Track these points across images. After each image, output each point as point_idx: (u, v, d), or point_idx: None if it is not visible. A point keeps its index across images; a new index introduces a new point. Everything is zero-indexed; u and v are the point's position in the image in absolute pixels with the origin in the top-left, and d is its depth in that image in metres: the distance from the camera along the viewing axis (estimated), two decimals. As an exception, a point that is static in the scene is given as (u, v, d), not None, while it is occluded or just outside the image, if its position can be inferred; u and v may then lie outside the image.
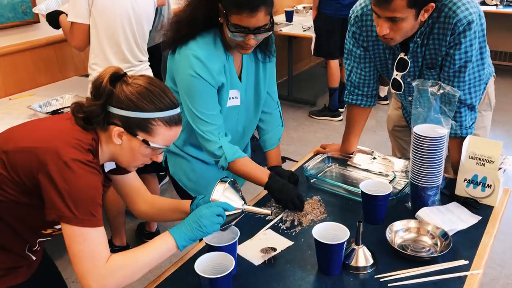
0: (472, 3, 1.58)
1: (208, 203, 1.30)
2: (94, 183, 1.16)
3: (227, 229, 1.36)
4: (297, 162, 2.07)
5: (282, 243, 1.48)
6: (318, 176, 1.86)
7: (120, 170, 1.40)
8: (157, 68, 2.93)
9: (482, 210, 1.62)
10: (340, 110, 4.68)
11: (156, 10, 2.70)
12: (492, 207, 1.64)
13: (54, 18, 2.57)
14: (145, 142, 1.21)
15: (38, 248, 1.39)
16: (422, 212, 1.55)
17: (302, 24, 4.81)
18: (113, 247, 2.77)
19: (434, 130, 1.52)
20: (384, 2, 1.49)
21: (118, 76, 1.22)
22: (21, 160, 1.14)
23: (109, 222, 2.73)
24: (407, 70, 1.70)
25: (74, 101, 1.27)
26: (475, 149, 1.62)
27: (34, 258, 1.38)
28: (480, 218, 1.57)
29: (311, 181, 1.82)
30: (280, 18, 4.99)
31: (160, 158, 1.29)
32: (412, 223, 1.50)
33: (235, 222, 1.36)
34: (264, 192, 1.75)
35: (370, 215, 1.56)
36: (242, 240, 1.48)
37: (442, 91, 1.51)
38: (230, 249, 1.31)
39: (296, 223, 1.58)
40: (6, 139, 1.20)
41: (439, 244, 1.43)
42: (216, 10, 1.54)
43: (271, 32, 1.58)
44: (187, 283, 1.34)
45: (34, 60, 3.03)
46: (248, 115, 1.83)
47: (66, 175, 1.11)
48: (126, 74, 1.24)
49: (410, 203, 1.63)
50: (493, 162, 1.60)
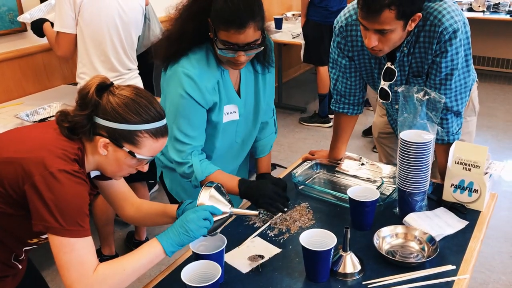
0: (457, 11, 1.59)
1: (194, 208, 1.29)
2: (81, 193, 1.15)
3: (216, 234, 1.36)
4: (286, 168, 2.07)
5: (269, 251, 1.47)
6: (307, 182, 1.86)
7: (107, 176, 1.39)
8: (148, 76, 2.92)
9: (469, 215, 1.63)
10: (330, 116, 4.69)
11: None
12: (479, 212, 1.64)
13: (38, 26, 2.57)
14: (131, 153, 1.21)
15: (24, 257, 1.38)
16: (410, 218, 1.55)
17: (291, 31, 4.83)
18: (101, 257, 2.75)
19: (420, 136, 1.52)
20: (372, 14, 1.48)
21: (104, 86, 1.21)
22: (5, 171, 1.13)
23: (97, 231, 2.71)
24: (394, 80, 1.70)
25: (59, 109, 1.26)
26: (461, 154, 1.63)
27: (20, 267, 1.37)
28: (467, 223, 1.58)
29: (299, 187, 1.82)
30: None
31: (145, 168, 1.29)
32: (399, 229, 1.50)
33: (223, 226, 1.35)
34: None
35: (358, 221, 1.57)
36: (229, 248, 1.48)
37: (427, 97, 1.52)
38: (217, 257, 1.30)
39: (284, 230, 1.58)
40: None
41: (426, 249, 1.44)
42: (206, 25, 1.49)
43: (263, 47, 1.51)
44: (174, 292, 1.33)
45: (22, 69, 3.01)
46: (247, 127, 1.78)
47: (52, 186, 1.10)
48: (112, 84, 1.23)
49: (397, 209, 1.64)
50: (479, 167, 1.61)
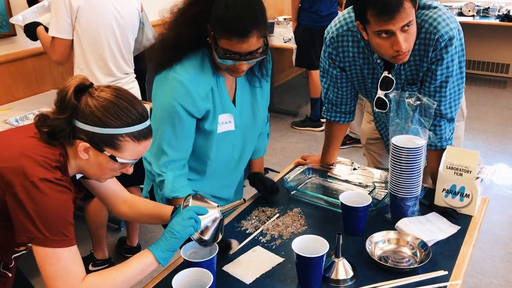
0: (452, 18, 1.58)
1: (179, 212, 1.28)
2: (64, 202, 1.12)
3: (218, 240, 1.34)
4: (279, 173, 2.06)
5: (272, 260, 1.46)
6: (299, 187, 1.86)
7: None
8: (141, 79, 2.91)
9: (461, 219, 1.63)
10: (322, 120, 4.69)
11: None
12: (470, 217, 1.65)
13: (31, 30, 2.55)
14: (112, 158, 1.17)
15: (14, 265, 1.36)
16: (402, 223, 1.55)
17: (283, 36, 4.84)
18: (94, 261, 2.73)
19: (412, 141, 1.52)
20: (396, 10, 1.40)
21: (83, 88, 1.17)
22: None
23: (90, 235, 2.69)
24: (392, 89, 1.67)
25: (37, 113, 1.22)
26: (453, 159, 1.63)
27: (10, 275, 1.35)
28: (459, 227, 1.58)
29: (292, 193, 1.81)
30: (261, 30, 5.01)
31: (130, 171, 1.26)
32: (391, 234, 1.50)
33: (219, 227, 1.33)
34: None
35: (350, 226, 1.56)
36: (231, 258, 1.46)
37: (419, 102, 1.52)
38: (209, 264, 1.29)
39: (276, 236, 1.57)
40: None
41: (418, 254, 1.43)
42: (204, 30, 1.41)
43: (265, 55, 1.44)
44: (166, 300, 1.32)
45: (11, 74, 2.98)
46: (245, 141, 1.69)
47: (34, 196, 1.07)
48: (92, 85, 1.19)
49: (389, 214, 1.63)
50: (470, 172, 1.61)
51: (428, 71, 1.64)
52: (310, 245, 1.33)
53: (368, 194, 1.62)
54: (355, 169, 1.93)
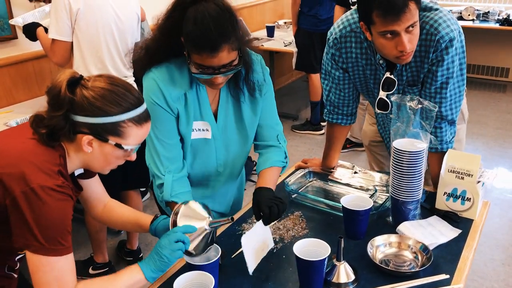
0: (452, 20, 1.59)
1: (166, 232, 1.27)
2: (63, 210, 1.11)
3: (208, 250, 1.34)
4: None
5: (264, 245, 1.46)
6: (300, 191, 1.85)
7: (88, 175, 1.36)
8: (141, 82, 2.90)
9: (462, 223, 1.63)
10: (322, 124, 4.70)
11: None
12: (472, 220, 1.65)
13: (30, 30, 2.55)
14: (118, 146, 1.17)
15: (19, 267, 1.35)
16: (403, 226, 1.55)
17: (283, 39, 4.85)
18: (95, 264, 2.72)
19: (413, 144, 1.52)
20: (401, 12, 1.42)
21: (75, 81, 1.14)
22: None
23: (90, 238, 2.69)
24: (394, 90, 1.68)
25: (31, 114, 1.20)
26: (454, 162, 1.63)
27: (15, 276, 1.34)
28: (460, 231, 1.58)
29: (293, 196, 1.81)
30: (261, 33, 5.03)
31: (133, 157, 1.25)
32: (393, 238, 1.50)
33: (209, 239, 1.33)
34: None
35: (351, 230, 1.56)
36: (226, 262, 1.46)
37: (420, 106, 1.53)
38: (211, 268, 1.29)
39: (277, 240, 1.57)
40: None
41: (420, 258, 1.43)
42: (181, 43, 1.41)
43: (240, 67, 1.43)
44: (167, 303, 1.32)
45: (12, 76, 2.98)
46: (229, 154, 1.66)
47: (33, 204, 1.06)
48: (82, 77, 1.17)
49: (391, 218, 1.63)
50: (472, 176, 1.61)
51: (429, 72, 1.64)
52: (312, 248, 1.33)
53: (369, 197, 1.62)
54: (356, 172, 1.93)
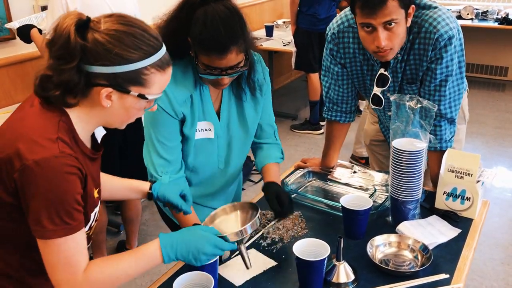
0: (451, 18, 1.60)
1: (215, 243, 1.18)
2: (63, 184, 0.97)
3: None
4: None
5: (265, 263, 1.45)
6: (299, 191, 1.85)
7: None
8: None
9: (462, 222, 1.63)
10: (321, 123, 4.70)
11: None
12: (471, 220, 1.64)
13: (24, 32, 2.53)
14: (141, 96, 1.04)
15: None
16: (403, 226, 1.55)
17: (282, 39, 4.85)
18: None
19: (412, 144, 1.52)
20: (378, 6, 1.43)
21: (83, 24, 0.98)
22: None
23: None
24: (387, 86, 1.69)
25: (34, 80, 1.02)
26: (454, 162, 1.63)
27: None
28: (460, 231, 1.58)
29: (292, 196, 1.81)
30: (260, 33, 5.02)
31: (154, 108, 1.14)
32: (392, 238, 1.49)
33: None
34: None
35: (351, 230, 1.56)
36: (224, 260, 1.46)
37: (420, 105, 1.53)
38: (211, 268, 1.29)
39: (277, 240, 1.56)
40: None
41: (419, 258, 1.43)
42: (187, 43, 1.42)
43: (246, 68, 1.45)
44: (166, 304, 1.32)
45: (10, 77, 2.98)
46: (230, 152, 1.68)
47: (30, 183, 0.95)
48: (90, 19, 1.01)
49: (390, 217, 1.63)
50: (471, 175, 1.61)
51: (428, 70, 1.65)
52: (311, 248, 1.33)
53: (369, 197, 1.62)
54: (355, 172, 1.93)
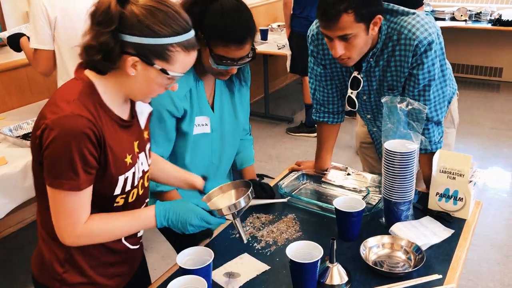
0: (430, 23, 1.62)
1: (202, 214, 1.29)
2: (73, 142, 1.06)
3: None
4: (274, 178, 2.07)
5: (258, 268, 1.46)
6: (293, 193, 1.86)
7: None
8: None
9: (455, 223, 1.63)
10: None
11: None
12: (464, 220, 1.65)
13: (14, 41, 2.52)
14: (163, 71, 1.11)
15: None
16: (396, 228, 1.56)
17: (277, 42, 4.86)
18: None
19: (404, 145, 1.53)
20: (332, 21, 1.49)
21: None
22: None
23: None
24: (360, 88, 1.73)
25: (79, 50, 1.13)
26: (446, 163, 1.64)
27: (132, 248, 1.38)
28: (453, 231, 1.58)
29: (286, 199, 1.81)
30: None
31: (175, 88, 1.21)
32: (385, 239, 1.50)
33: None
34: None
35: (344, 231, 1.56)
36: (217, 264, 1.46)
37: (410, 107, 1.54)
38: (204, 272, 1.29)
39: (271, 243, 1.57)
40: None
41: (412, 259, 1.44)
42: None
43: (254, 59, 1.53)
44: (160, 308, 1.32)
45: (5, 84, 2.98)
46: (223, 146, 1.74)
47: (46, 139, 1.07)
48: None
49: (383, 219, 1.64)
50: (463, 176, 1.62)
51: (411, 76, 1.67)
52: (305, 251, 1.33)
53: (362, 199, 1.63)
54: (349, 174, 1.94)
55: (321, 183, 1.93)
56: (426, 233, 1.56)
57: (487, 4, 5.95)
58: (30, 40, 2.37)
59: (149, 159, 1.36)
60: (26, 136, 2.44)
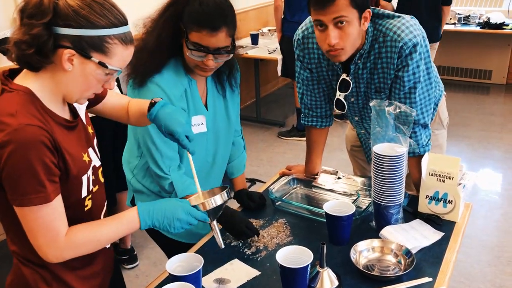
0: (415, 26, 1.63)
1: (188, 210, 1.24)
2: (30, 153, 1.01)
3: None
4: (265, 183, 2.07)
5: (248, 273, 1.45)
6: (284, 198, 1.86)
7: (95, 101, 1.35)
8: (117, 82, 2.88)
9: (445, 226, 1.64)
10: (308, 130, 4.71)
11: None
12: (454, 223, 1.66)
13: (1, 43, 2.52)
14: (101, 64, 1.07)
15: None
16: (386, 231, 1.56)
17: (268, 47, 4.87)
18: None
19: (393, 149, 1.54)
20: (328, 2, 1.49)
21: None
22: None
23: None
24: (349, 91, 1.73)
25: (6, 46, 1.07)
26: (435, 166, 1.65)
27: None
28: (443, 234, 1.59)
29: (277, 203, 1.81)
30: (245, 41, 5.04)
31: (112, 85, 1.17)
32: (376, 243, 1.50)
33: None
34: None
35: (335, 236, 1.56)
36: (207, 271, 1.45)
37: (398, 110, 1.54)
38: (193, 278, 1.28)
39: (261, 248, 1.56)
40: None
41: (403, 262, 1.44)
42: (178, 31, 1.50)
43: (232, 54, 1.53)
44: (150, 316, 1.31)
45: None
46: (217, 144, 1.74)
47: (1, 159, 1.02)
48: None
49: (374, 222, 1.64)
50: (452, 178, 1.62)
51: (396, 78, 1.68)
52: (295, 255, 1.33)
53: (352, 203, 1.63)
54: (339, 178, 1.94)
55: (311, 187, 1.94)
56: (416, 236, 1.56)
57: (476, 7, 6.01)
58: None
59: (98, 153, 1.32)
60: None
